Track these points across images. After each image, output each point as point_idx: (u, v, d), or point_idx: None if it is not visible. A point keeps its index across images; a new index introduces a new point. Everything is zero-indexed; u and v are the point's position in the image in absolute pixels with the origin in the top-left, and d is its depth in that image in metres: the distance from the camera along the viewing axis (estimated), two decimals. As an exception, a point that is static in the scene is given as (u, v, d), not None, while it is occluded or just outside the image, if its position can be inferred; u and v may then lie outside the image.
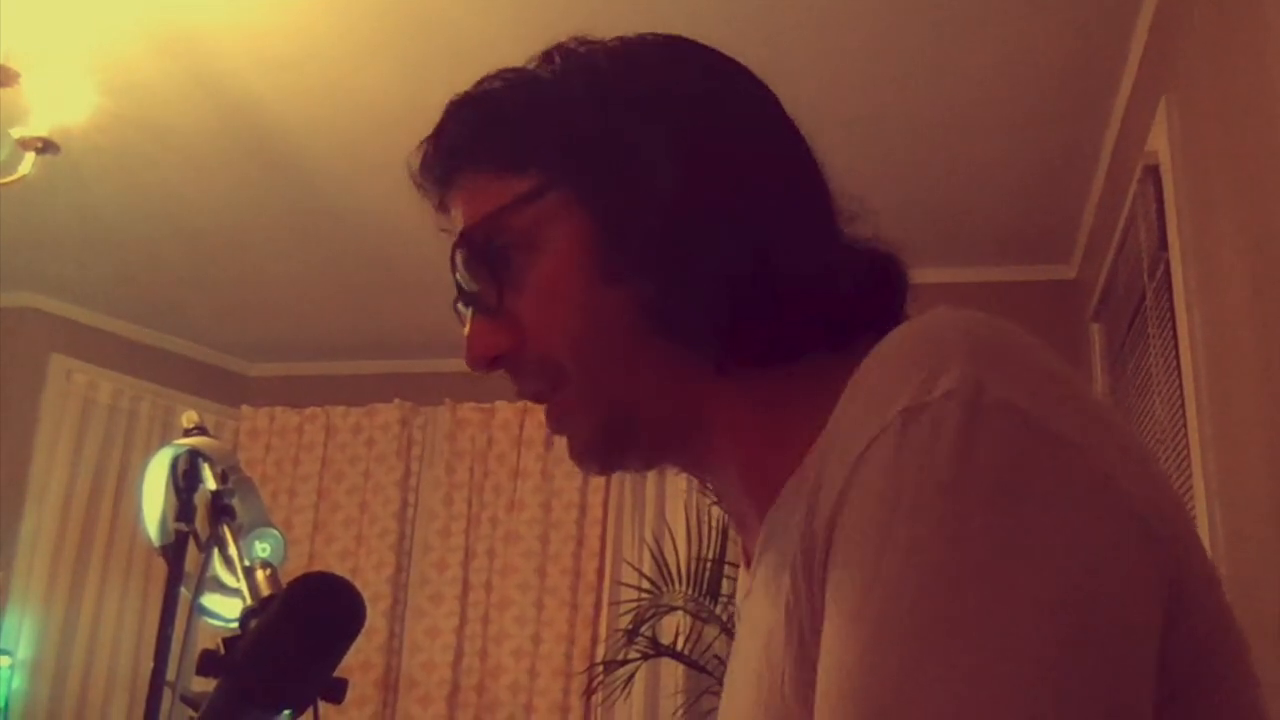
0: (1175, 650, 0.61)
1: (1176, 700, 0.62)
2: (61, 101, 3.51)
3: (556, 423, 0.85)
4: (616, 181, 0.80)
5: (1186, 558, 0.63)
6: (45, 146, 3.48)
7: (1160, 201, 3.09)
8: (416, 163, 0.88)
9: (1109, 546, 0.59)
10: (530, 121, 0.84)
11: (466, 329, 0.86)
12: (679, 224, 0.79)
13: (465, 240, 0.83)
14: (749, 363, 0.80)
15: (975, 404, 0.60)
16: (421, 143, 0.88)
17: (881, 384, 0.65)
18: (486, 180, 0.84)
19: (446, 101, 0.88)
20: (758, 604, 0.77)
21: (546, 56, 0.87)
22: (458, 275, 0.84)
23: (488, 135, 0.85)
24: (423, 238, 0.88)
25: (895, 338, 0.68)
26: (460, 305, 0.86)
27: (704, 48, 0.88)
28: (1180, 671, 0.62)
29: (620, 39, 0.87)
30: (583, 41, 0.87)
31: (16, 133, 3.47)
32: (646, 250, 0.79)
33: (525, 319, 0.82)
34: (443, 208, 0.88)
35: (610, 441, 0.85)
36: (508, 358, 0.84)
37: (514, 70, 0.87)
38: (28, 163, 3.50)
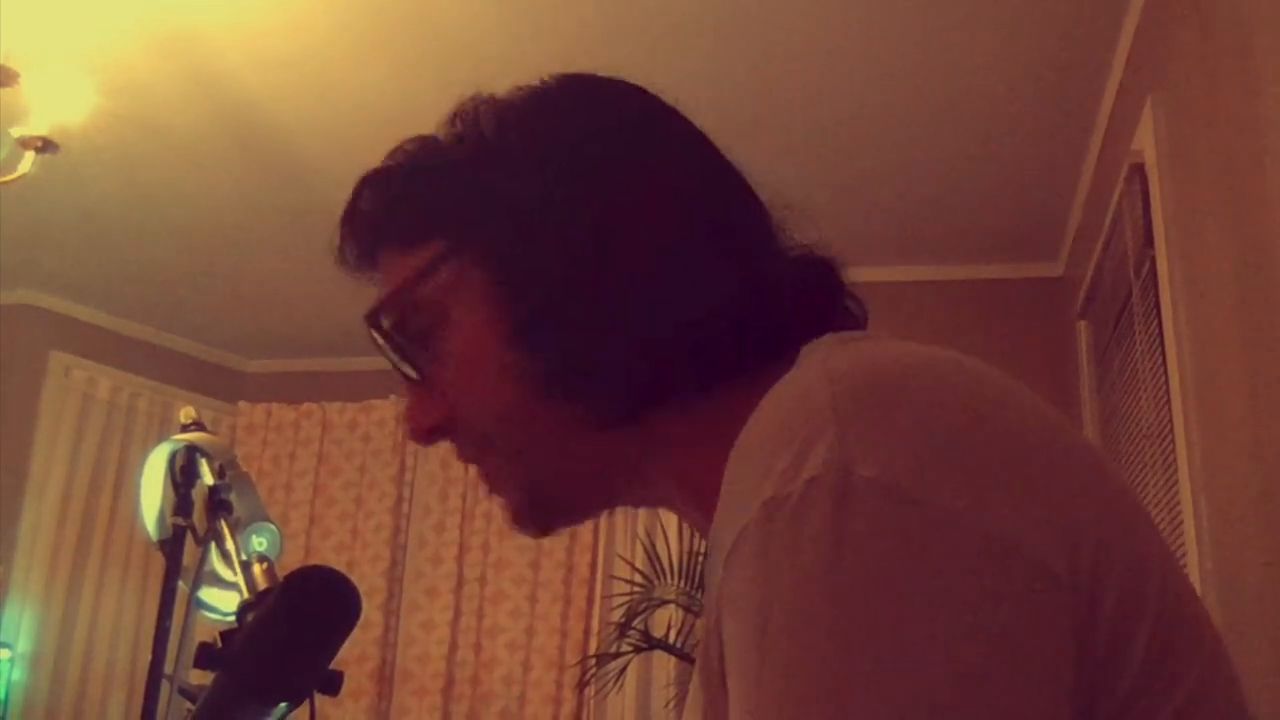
0: (1112, 685, 0.59)
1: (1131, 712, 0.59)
2: (61, 101, 3.51)
3: (489, 487, 0.85)
4: (509, 242, 0.79)
5: (1112, 588, 0.60)
6: (45, 145, 3.48)
7: (1146, 200, 3.09)
8: (336, 245, 0.88)
9: (997, 614, 0.55)
10: (427, 192, 0.83)
11: (404, 403, 0.85)
12: (573, 279, 0.77)
13: (371, 319, 0.83)
14: (663, 404, 0.78)
15: (842, 487, 0.56)
16: (338, 223, 0.88)
17: (750, 465, 0.62)
18: (397, 256, 0.83)
19: (442, 101, 0.87)
20: (700, 637, 0.76)
21: (450, 120, 0.85)
22: (380, 351, 0.84)
23: (390, 211, 0.84)
24: None
25: (769, 406, 0.65)
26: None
27: (603, 83, 0.86)
28: (1126, 692, 0.59)
29: (521, 90, 0.85)
30: (482, 100, 0.85)
31: (16, 132, 3.47)
32: (543, 309, 0.77)
33: (448, 389, 0.82)
34: (374, 283, 0.87)
35: (538, 505, 0.83)
36: (443, 428, 0.83)
37: (418, 140, 0.86)
38: (27, 161, 3.50)
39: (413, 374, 0.83)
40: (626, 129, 0.83)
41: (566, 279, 0.77)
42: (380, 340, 0.83)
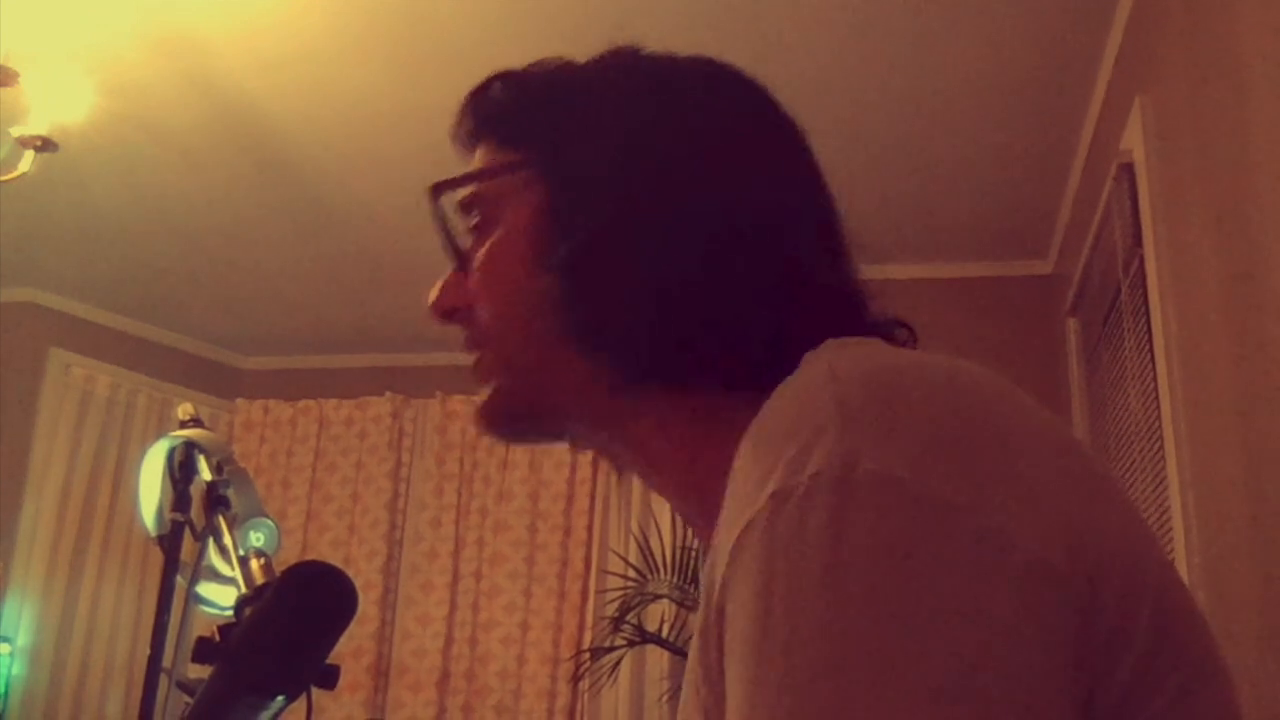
0: (1109, 680, 0.59)
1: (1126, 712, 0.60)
2: (60, 100, 3.50)
3: (477, 377, 0.88)
4: (577, 177, 0.81)
5: (1111, 582, 0.60)
6: (44, 144, 3.48)
7: (1135, 198, 3.09)
8: (455, 120, 0.91)
9: (997, 605, 0.55)
10: (538, 105, 0.86)
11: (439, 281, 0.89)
12: (613, 230, 0.79)
13: (436, 190, 0.86)
14: (664, 382, 0.79)
15: (846, 480, 0.57)
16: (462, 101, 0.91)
17: (758, 460, 0.63)
18: (492, 149, 0.87)
19: (438, 101, 0.91)
20: (693, 636, 0.76)
21: (597, 57, 0.88)
22: (433, 222, 0.86)
23: (500, 110, 0.88)
24: (414, 233, 0.89)
25: (775, 402, 0.66)
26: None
27: (738, 78, 0.87)
28: (1119, 701, 0.60)
29: (665, 55, 0.87)
30: (630, 49, 0.88)
31: (16, 131, 3.47)
32: (574, 246, 0.80)
33: (474, 280, 0.86)
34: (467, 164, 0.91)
35: (509, 411, 0.86)
36: (459, 313, 0.87)
37: (557, 59, 0.89)
38: (27, 160, 3.50)
39: (454, 253, 0.87)
40: (729, 124, 0.84)
41: (604, 229, 0.79)
42: (435, 212, 0.86)
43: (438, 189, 0.86)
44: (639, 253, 0.78)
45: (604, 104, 0.84)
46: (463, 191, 0.87)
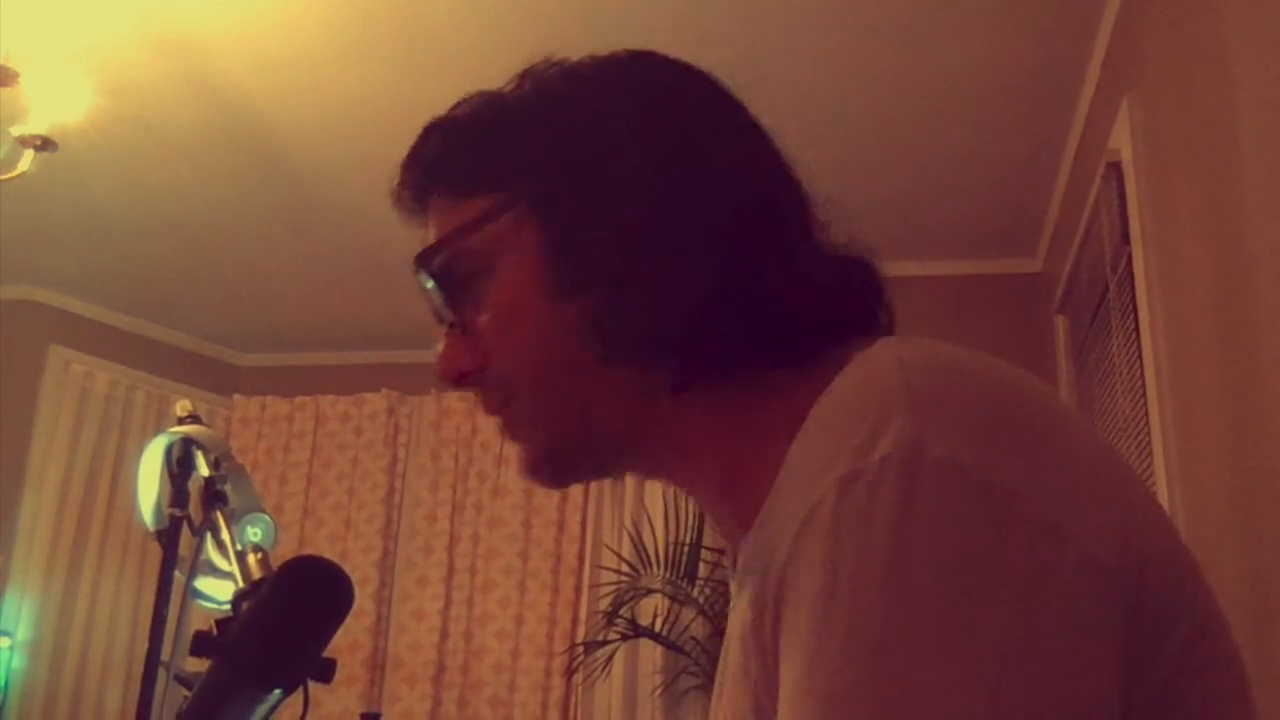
0: (1149, 675, 0.61)
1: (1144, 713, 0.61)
2: (60, 100, 3.51)
3: (509, 435, 0.84)
4: (566, 199, 0.79)
5: (1151, 585, 0.62)
6: (44, 144, 3.48)
7: (1123, 197, 3.10)
8: (394, 184, 0.87)
9: (1053, 595, 0.57)
10: (490, 144, 0.83)
11: (439, 346, 0.85)
12: (626, 239, 0.77)
13: (421, 261, 0.82)
14: (708, 381, 0.78)
15: (914, 465, 0.58)
16: (399, 166, 0.88)
17: (824, 443, 0.64)
18: (452, 202, 0.83)
19: (433, 101, 0.87)
20: (731, 629, 0.77)
21: (518, 78, 0.85)
22: (423, 294, 0.84)
23: (452, 158, 0.84)
24: (409, 232, 0.88)
25: (841, 386, 0.66)
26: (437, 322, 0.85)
27: (673, 62, 0.86)
28: (1156, 695, 0.61)
29: (591, 58, 0.85)
30: (552, 63, 0.85)
31: (16, 130, 3.47)
32: (593, 267, 0.77)
33: (485, 338, 0.81)
34: (423, 226, 0.87)
35: (555, 460, 0.83)
36: (473, 376, 0.83)
37: (484, 93, 0.86)
38: (27, 159, 3.50)
39: (453, 318, 0.83)
40: (691, 105, 0.83)
41: (617, 241, 0.77)
42: (426, 282, 0.83)
43: (423, 258, 0.83)
44: (653, 253, 0.77)
45: (561, 122, 0.81)
46: (444, 252, 0.83)
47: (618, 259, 0.77)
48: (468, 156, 0.84)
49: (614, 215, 0.77)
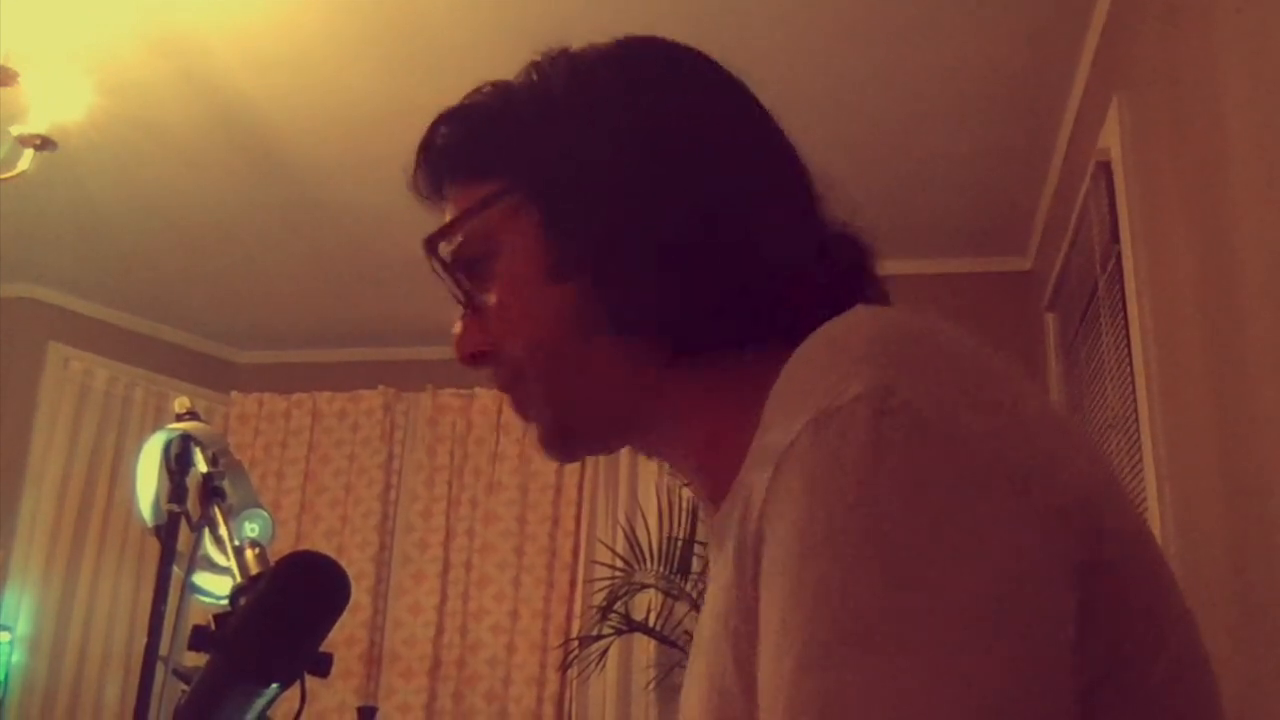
0: (1100, 631, 0.61)
1: (1108, 682, 0.62)
2: (59, 100, 3.51)
3: (519, 412, 0.87)
4: (560, 184, 0.82)
5: (1109, 539, 0.63)
6: (43, 143, 3.49)
7: (1112, 196, 3.11)
8: (410, 175, 0.90)
9: (1018, 544, 0.58)
10: (492, 131, 0.86)
11: (456, 326, 0.87)
12: (617, 220, 0.79)
13: (429, 244, 0.85)
14: (701, 353, 0.80)
15: (882, 407, 0.59)
16: (414, 156, 0.90)
17: (797, 390, 0.65)
18: (462, 188, 0.86)
19: (429, 100, 0.90)
20: (710, 595, 0.78)
21: (527, 69, 0.88)
22: (436, 275, 0.86)
23: (461, 146, 0.87)
24: (406, 230, 0.88)
25: (812, 342, 0.68)
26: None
27: (675, 46, 0.88)
28: (1107, 654, 0.62)
29: (596, 45, 0.88)
30: (558, 51, 0.87)
31: (16, 130, 3.48)
32: (586, 246, 0.80)
33: (492, 317, 0.85)
34: (441, 213, 0.89)
35: (566, 433, 0.86)
36: (486, 354, 0.86)
37: (494, 83, 0.88)
38: (26, 159, 3.51)
39: (464, 299, 0.86)
40: (691, 89, 0.85)
41: (615, 220, 0.80)
42: (436, 265, 0.86)
43: (431, 241, 0.86)
44: (644, 228, 0.79)
45: (560, 109, 0.84)
46: (451, 236, 0.86)
47: (603, 241, 0.80)
48: (472, 144, 0.87)
49: (605, 199, 0.80)
